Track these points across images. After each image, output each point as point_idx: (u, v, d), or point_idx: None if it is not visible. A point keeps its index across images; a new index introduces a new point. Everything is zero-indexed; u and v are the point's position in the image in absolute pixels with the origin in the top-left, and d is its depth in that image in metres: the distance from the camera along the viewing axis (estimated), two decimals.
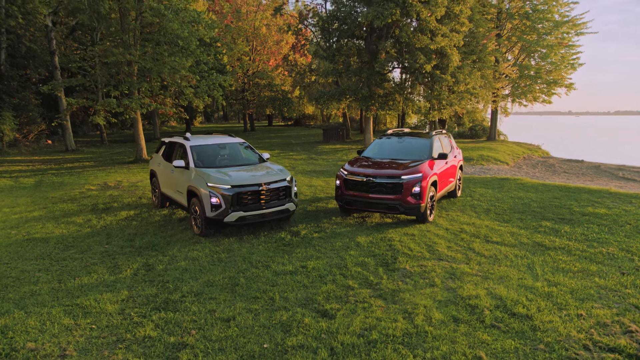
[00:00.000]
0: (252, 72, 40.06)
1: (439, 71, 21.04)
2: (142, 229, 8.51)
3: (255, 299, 5.37)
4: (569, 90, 31.49)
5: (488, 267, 6.41)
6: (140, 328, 4.69)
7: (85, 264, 6.63)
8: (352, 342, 4.35)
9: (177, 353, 4.22)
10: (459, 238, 7.80)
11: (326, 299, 5.36)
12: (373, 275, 6.12)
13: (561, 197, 11.09)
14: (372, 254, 6.95)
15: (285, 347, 4.30)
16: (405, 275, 6.10)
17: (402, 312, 4.99)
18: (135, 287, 5.77)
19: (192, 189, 8.03)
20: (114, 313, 5.02)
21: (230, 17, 38.86)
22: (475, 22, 23.60)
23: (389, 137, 10.60)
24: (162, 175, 9.80)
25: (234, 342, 4.38)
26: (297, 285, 5.79)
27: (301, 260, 6.70)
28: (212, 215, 7.60)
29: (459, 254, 7.00)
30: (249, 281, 5.91)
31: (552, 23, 29.03)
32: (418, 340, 4.40)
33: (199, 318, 4.88)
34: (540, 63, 30.21)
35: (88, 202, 10.64)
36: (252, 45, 40.62)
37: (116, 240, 7.79)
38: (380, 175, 8.54)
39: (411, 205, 8.35)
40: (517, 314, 4.91)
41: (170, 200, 9.51)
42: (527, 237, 7.86)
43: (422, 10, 18.76)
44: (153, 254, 7.07)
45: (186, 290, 5.63)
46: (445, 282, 5.87)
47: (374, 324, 4.71)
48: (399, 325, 4.67)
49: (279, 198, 8.21)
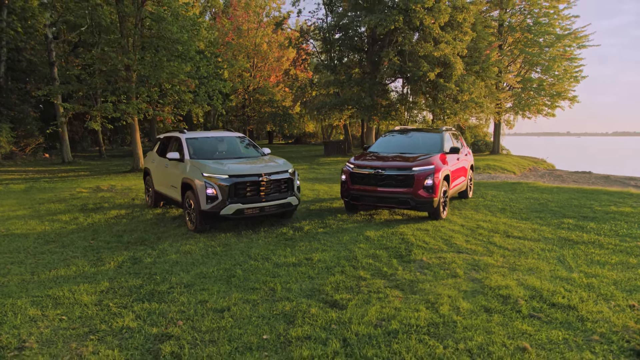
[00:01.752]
0: (253, 88, 39.91)
1: (442, 79, 20.68)
2: (132, 225, 7.85)
3: (254, 290, 4.69)
4: (572, 103, 31.18)
5: (514, 259, 5.73)
6: (118, 319, 4.00)
7: (64, 257, 5.96)
8: (368, 333, 3.66)
9: (159, 345, 3.53)
10: (477, 233, 7.13)
11: (335, 290, 4.68)
12: (387, 266, 5.44)
13: (579, 198, 10.44)
14: (384, 246, 6.27)
15: (289, 338, 3.61)
16: (423, 267, 5.42)
17: (423, 302, 4.30)
18: (117, 278, 5.09)
19: (186, 181, 7.40)
20: (89, 304, 4.34)
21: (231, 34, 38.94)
22: (478, 32, 23.39)
23: (396, 133, 10.03)
24: (156, 171, 9.20)
25: (227, 333, 3.69)
26: (301, 276, 5.11)
27: (305, 252, 6.02)
28: (208, 207, 6.95)
29: (480, 247, 6.32)
30: (247, 273, 5.23)
31: (554, 36, 28.93)
32: (446, 330, 3.71)
33: (188, 309, 4.20)
34: (543, 77, 29.99)
35: (77, 203, 10.00)
36: (253, 62, 40.58)
37: (103, 236, 7.12)
38: (389, 168, 7.92)
39: (423, 199, 7.70)
40: (558, 304, 4.22)
41: (164, 197, 8.88)
42: (550, 232, 7.19)
43: (425, 17, 18.52)
44: (141, 248, 6.40)
45: (175, 281, 4.95)
46: (468, 273, 5.19)
47: (392, 314, 4.02)
48: (422, 315, 3.98)
49: (281, 191, 7.57)
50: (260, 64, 41.06)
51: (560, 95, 29.82)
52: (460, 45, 20.03)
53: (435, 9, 18.54)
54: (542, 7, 29.22)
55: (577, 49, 30.17)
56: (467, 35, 20.73)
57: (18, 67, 25.74)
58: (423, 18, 18.46)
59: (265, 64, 41.22)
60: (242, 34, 38.43)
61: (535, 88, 29.32)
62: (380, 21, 18.45)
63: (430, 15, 18.55)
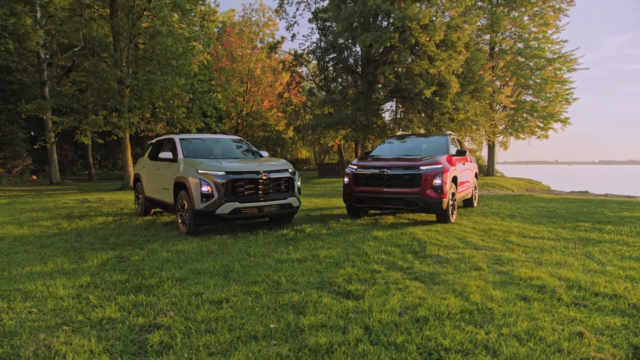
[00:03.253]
0: (246, 113, 39.79)
1: (438, 98, 20.63)
2: (120, 230, 7.26)
3: (255, 283, 4.13)
4: (565, 125, 31.39)
5: (537, 255, 5.24)
6: (98, 310, 3.42)
7: (41, 256, 5.35)
8: (393, 320, 3.13)
9: (145, 335, 2.96)
10: (490, 234, 6.65)
11: (347, 282, 4.14)
12: (401, 260, 4.92)
13: (588, 206, 10.06)
14: (395, 244, 5.76)
15: (301, 326, 3.06)
16: (441, 261, 4.91)
17: (450, 291, 3.79)
18: (100, 274, 4.50)
19: (180, 181, 6.88)
20: (66, 297, 3.75)
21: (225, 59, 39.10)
22: (472, 53, 23.62)
23: (398, 138, 9.66)
24: (147, 176, 8.67)
25: (226, 323, 3.13)
26: (307, 270, 4.56)
27: (310, 250, 5.49)
28: (203, 206, 6.42)
29: (497, 244, 5.84)
30: (247, 268, 4.67)
31: (544, 60, 29.41)
32: (483, 317, 3.19)
33: (180, 300, 3.63)
34: (535, 99, 30.29)
35: (61, 212, 9.37)
36: (246, 87, 40.62)
37: (87, 239, 6.52)
38: (395, 167, 7.49)
39: (432, 200, 7.25)
40: (602, 294, 3.73)
41: (156, 202, 8.32)
42: (567, 234, 6.73)
43: (420, 35, 18.60)
44: (129, 248, 5.82)
45: (165, 276, 4.38)
46: (492, 267, 4.69)
47: (417, 302, 3.49)
48: (452, 302, 3.46)
49: (281, 190, 7.08)
50: (253, 89, 41.07)
51: (552, 116, 30.05)
52: (455, 63, 20.10)
53: (430, 27, 18.66)
54: (532, 32, 29.87)
55: (567, 72, 30.69)
56: (462, 55, 20.85)
57: (8, 88, 25.34)
58: (418, 36, 18.53)
59: (258, 89, 41.24)
60: (235, 59, 38.59)
61: (529, 110, 29.54)
62: (376, 38, 18.48)
63: (426, 33, 18.64)
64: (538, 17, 29.52)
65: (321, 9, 28.94)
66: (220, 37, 43.71)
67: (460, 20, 20.12)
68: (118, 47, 15.83)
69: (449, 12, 20.13)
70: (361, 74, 23.95)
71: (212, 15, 45.90)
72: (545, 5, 29.76)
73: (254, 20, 41.71)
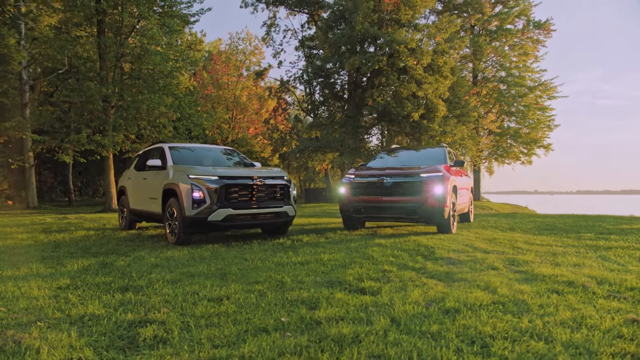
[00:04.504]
0: (232, 140, 39.51)
1: (426, 121, 20.77)
2: (103, 241, 6.74)
3: (257, 283, 3.72)
4: (547, 150, 31.96)
5: (551, 258, 4.96)
6: (79, 307, 2.97)
7: (14, 263, 4.83)
8: (420, 312, 2.77)
9: (136, 329, 2.53)
10: (496, 242, 6.37)
11: (358, 280, 3.76)
12: (412, 262, 4.57)
13: (585, 220, 9.93)
14: (401, 249, 5.41)
15: (316, 319, 2.67)
16: (453, 263, 4.57)
17: (473, 286, 3.45)
18: (81, 277, 4.03)
19: (169, 187, 6.46)
20: (41, 297, 3.28)
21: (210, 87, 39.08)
22: (457, 79, 24.09)
23: (393, 151, 9.46)
24: (133, 188, 8.21)
25: (230, 318, 2.73)
26: (312, 271, 4.17)
27: (311, 255, 5.10)
28: (194, 213, 5.99)
29: (507, 249, 5.55)
30: (245, 271, 4.25)
31: (525, 88, 30.25)
32: (518, 307, 2.86)
33: (174, 298, 3.20)
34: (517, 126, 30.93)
35: (39, 227, 8.77)
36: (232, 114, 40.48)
37: (66, 249, 5.99)
38: (395, 175, 7.23)
39: (433, 209, 6.95)
40: (637, 288, 3.44)
41: (142, 215, 7.84)
42: (574, 242, 6.49)
43: (408, 59, 18.87)
44: (112, 255, 5.33)
45: (155, 278, 3.93)
46: (509, 267, 4.37)
47: (441, 296, 3.14)
48: (479, 295, 3.12)
49: (276, 198, 6.71)
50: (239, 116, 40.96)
51: (535, 142, 30.61)
52: (442, 87, 20.37)
53: (417, 51, 18.97)
54: (512, 61, 30.83)
55: (548, 100, 31.56)
56: (448, 80, 21.19)
57: None
58: (406, 59, 18.79)
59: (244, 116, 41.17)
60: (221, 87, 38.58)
61: (512, 135, 30.07)
62: (364, 61, 18.66)
63: (413, 57, 18.93)
64: (518, 47, 30.55)
65: (308, 37, 29.40)
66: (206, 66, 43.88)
67: (446, 45, 20.55)
68: (104, 65, 15.55)
69: (435, 37, 20.56)
70: (348, 98, 24.11)
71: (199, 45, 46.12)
72: (524, 36, 30.88)
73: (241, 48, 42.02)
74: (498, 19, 30.18)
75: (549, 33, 31.09)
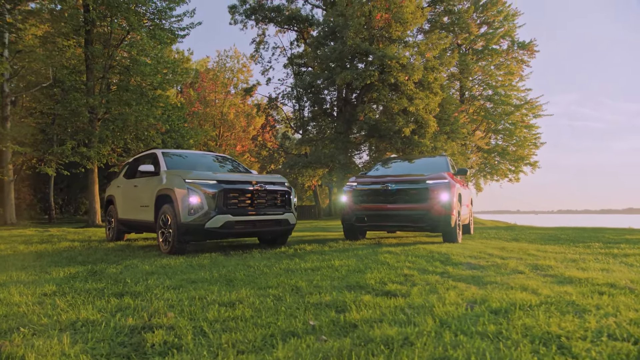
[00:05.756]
0: None
1: (417, 136, 20.74)
2: (89, 251, 6.25)
3: (269, 287, 3.35)
4: (534, 168, 32.32)
5: (573, 263, 4.69)
6: (70, 312, 2.56)
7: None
8: (465, 313, 2.44)
9: (141, 335, 2.14)
10: (507, 249, 6.08)
11: (381, 283, 3.42)
12: (431, 267, 4.24)
13: (586, 232, 9.78)
14: (415, 255, 5.08)
15: (351, 321, 2.32)
16: (475, 267, 4.26)
17: (509, 288, 3.14)
18: (69, 283, 3.59)
19: (163, 193, 6.05)
20: (23, 303, 2.85)
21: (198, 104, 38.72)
22: (446, 95, 24.30)
23: (393, 160, 9.22)
24: (122, 196, 7.76)
25: (249, 322, 2.35)
26: (326, 276, 3.80)
27: (321, 261, 4.73)
28: (190, 219, 5.59)
29: (522, 255, 5.27)
30: (252, 277, 3.87)
31: (511, 106, 30.75)
32: (573, 308, 2.55)
33: (179, 303, 2.81)
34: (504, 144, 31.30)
35: (18, 239, 8.19)
36: (219, 131, 40.06)
37: (49, 259, 5.49)
38: (400, 182, 6.95)
39: (439, 217, 6.68)
40: None
41: (132, 225, 7.37)
42: (587, 251, 6.24)
43: (399, 74, 18.92)
44: (101, 264, 4.87)
45: (154, 284, 3.52)
46: (535, 271, 4.08)
47: (481, 298, 2.82)
48: (523, 296, 2.81)
49: (277, 205, 6.35)
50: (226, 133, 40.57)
51: (522, 159, 30.94)
52: (433, 103, 20.45)
53: (409, 66, 19.06)
54: (498, 80, 31.39)
55: (533, 118, 32.06)
56: (438, 96, 21.31)
57: None
58: (398, 75, 18.84)
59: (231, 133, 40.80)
60: (208, 104, 38.23)
61: (500, 152, 30.36)
62: (356, 76, 18.63)
63: (405, 72, 18.99)
64: (504, 67, 31.16)
65: (296, 54, 29.50)
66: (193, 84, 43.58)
67: (437, 62, 20.73)
68: (91, 76, 15.12)
69: (425, 54, 20.74)
70: (338, 114, 24.05)
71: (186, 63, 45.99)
72: (509, 56, 31.56)
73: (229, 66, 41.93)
74: (484, 39, 30.84)
75: (533, 53, 31.83)
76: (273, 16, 28.00)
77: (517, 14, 31.42)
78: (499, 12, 30.73)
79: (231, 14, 28.16)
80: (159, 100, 15.77)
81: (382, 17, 19.89)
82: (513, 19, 31.29)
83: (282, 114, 31.65)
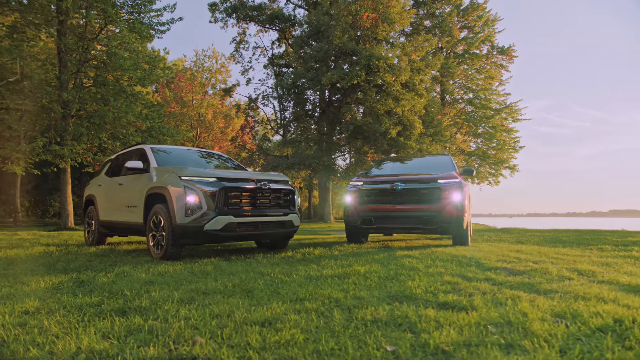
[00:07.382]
0: None
1: (402, 138, 20.51)
2: (69, 257, 5.54)
3: (302, 300, 2.82)
4: (513, 171, 32.76)
5: (608, 268, 4.36)
6: (66, 339, 1.97)
7: None
8: (566, 332, 1.99)
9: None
10: (525, 253, 5.73)
11: (430, 293, 2.95)
12: (470, 272, 3.81)
13: (586, 235, 9.63)
14: (439, 259, 4.65)
15: (437, 345, 1.83)
16: (516, 273, 3.85)
17: (579, 299, 2.73)
18: (54, 296, 2.97)
19: (155, 192, 5.41)
20: (0, 326, 2.24)
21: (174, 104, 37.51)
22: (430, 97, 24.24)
23: (394, 159, 8.82)
24: (104, 196, 7.04)
25: (307, 349, 1.84)
26: (360, 285, 3.31)
27: (341, 267, 4.23)
28: (187, 221, 4.99)
29: (549, 258, 4.92)
30: (273, 286, 3.33)
31: (491, 110, 31.08)
32: None
33: (204, 324, 2.26)
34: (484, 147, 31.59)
35: None
36: (196, 132, 38.94)
37: (23, 266, 4.78)
38: (410, 181, 6.53)
39: (451, 219, 6.29)
40: None
41: (115, 227, 6.67)
42: (604, 254, 5.97)
43: (386, 75, 18.64)
44: (88, 272, 4.22)
45: (159, 297, 2.94)
46: (582, 277, 3.71)
47: (564, 311, 2.39)
48: (614, 309, 2.40)
49: (280, 205, 5.81)
50: (204, 135, 39.48)
51: (502, 163, 31.29)
52: (419, 105, 20.28)
53: (396, 67, 18.81)
54: (479, 84, 31.71)
55: (513, 122, 32.51)
56: (423, 98, 21.16)
57: None
58: (384, 75, 18.56)
59: (209, 135, 39.74)
60: (185, 104, 37.07)
61: (481, 156, 30.60)
62: (342, 75, 18.24)
63: (392, 73, 18.73)
64: (484, 71, 31.51)
65: (278, 54, 28.93)
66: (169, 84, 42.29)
67: (422, 63, 20.59)
68: (65, 70, 14.13)
69: (411, 55, 20.55)
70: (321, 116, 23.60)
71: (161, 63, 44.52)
72: (489, 61, 31.94)
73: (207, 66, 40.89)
74: (465, 43, 31.10)
75: (512, 59, 32.34)
76: (254, 15, 27.36)
77: (496, 20, 31.88)
78: (479, 17, 31.08)
79: (211, 12, 27.34)
80: (138, 96, 14.93)
81: (368, 17, 19.59)
82: (493, 24, 31.72)
83: (259, 115, 31.01)
